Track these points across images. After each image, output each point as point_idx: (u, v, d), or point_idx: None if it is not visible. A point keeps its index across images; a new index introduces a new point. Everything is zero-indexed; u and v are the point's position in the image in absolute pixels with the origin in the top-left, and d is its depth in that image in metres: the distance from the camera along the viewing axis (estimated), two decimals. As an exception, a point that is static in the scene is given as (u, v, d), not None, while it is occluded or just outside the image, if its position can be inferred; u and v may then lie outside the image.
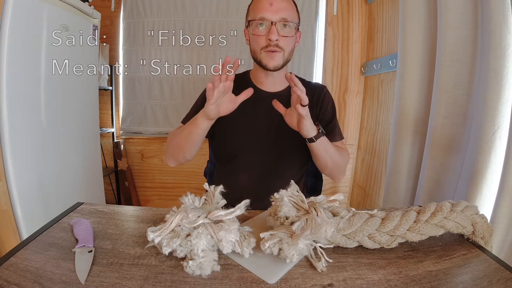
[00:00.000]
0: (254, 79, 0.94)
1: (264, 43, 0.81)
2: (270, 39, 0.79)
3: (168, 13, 1.90)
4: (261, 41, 0.82)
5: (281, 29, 0.80)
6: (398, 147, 1.22)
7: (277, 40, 0.80)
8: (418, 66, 1.15)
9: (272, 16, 0.79)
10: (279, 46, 0.81)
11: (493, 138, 0.80)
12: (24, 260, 0.47)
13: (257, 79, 0.93)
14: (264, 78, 0.91)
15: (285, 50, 0.83)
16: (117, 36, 1.98)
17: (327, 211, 0.53)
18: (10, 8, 1.07)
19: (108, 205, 0.71)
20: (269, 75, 0.89)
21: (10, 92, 1.11)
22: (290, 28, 0.82)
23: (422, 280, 0.45)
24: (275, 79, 0.91)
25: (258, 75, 0.92)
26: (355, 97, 1.99)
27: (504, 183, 0.75)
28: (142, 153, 2.09)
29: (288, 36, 0.82)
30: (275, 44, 0.81)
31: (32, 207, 1.22)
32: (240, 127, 0.91)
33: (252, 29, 0.83)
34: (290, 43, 0.84)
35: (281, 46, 0.82)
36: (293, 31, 0.83)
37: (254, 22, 0.82)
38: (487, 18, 0.80)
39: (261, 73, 0.90)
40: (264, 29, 0.81)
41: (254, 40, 0.84)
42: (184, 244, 0.48)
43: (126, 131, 2.04)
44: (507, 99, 0.79)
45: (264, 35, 0.81)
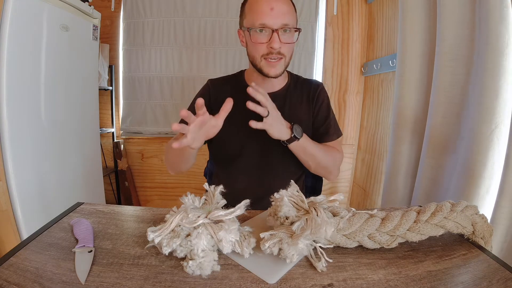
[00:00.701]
0: (249, 81, 0.92)
1: (265, 51, 0.78)
2: (272, 47, 0.76)
3: (168, 13, 1.90)
4: (261, 49, 0.78)
5: (282, 35, 0.77)
6: (397, 147, 1.22)
7: (279, 48, 0.77)
8: (417, 66, 1.15)
9: (274, 23, 0.75)
10: (281, 53, 0.78)
11: (491, 138, 0.80)
12: (24, 260, 0.47)
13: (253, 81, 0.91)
14: (261, 81, 0.89)
15: (286, 56, 0.81)
16: (117, 36, 1.98)
17: (327, 211, 0.53)
18: (10, 8, 1.07)
19: (108, 205, 0.71)
20: (266, 79, 0.87)
21: (10, 92, 1.11)
22: (291, 33, 0.79)
23: (422, 280, 0.45)
24: (272, 81, 0.90)
25: (255, 77, 0.90)
26: (355, 97, 1.99)
27: (504, 183, 0.74)
28: (142, 153, 2.09)
29: (290, 43, 0.79)
30: (277, 52, 0.78)
31: (32, 207, 1.22)
32: (237, 129, 0.90)
33: (251, 35, 0.78)
34: (291, 48, 0.82)
35: (282, 53, 0.79)
36: (294, 37, 0.81)
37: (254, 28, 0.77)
38: (485, 18, 0.80)
39: (258, 77, 0.88)
40: (264, 36, 0.77)
41: (253, 47, 0.80)
42: (184, 244, 0.48)
43: (126, 131, 2.04)
44: (504, 98, 0.79)
45: (265, 43, 0.77)
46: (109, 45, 1.95)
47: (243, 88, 0.89)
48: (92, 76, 1.66)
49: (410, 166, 1.20)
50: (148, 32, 1.92)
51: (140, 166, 2.10)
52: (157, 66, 1.96)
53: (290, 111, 0.90)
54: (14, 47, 1.11)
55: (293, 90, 0.94)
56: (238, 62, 1.93)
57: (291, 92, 0.93)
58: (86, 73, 1.60)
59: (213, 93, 0.93)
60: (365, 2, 1.91)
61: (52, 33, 1.28)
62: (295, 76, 0.98)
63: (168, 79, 1.96)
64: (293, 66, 1.92)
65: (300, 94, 0.93)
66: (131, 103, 2.00)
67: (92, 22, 1.58)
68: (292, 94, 0.93)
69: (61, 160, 1.42)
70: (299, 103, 0.92)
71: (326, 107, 0.94)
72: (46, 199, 1.30)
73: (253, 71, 0.90)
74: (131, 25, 1.93)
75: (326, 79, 1.97)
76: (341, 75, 1.97)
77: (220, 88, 0.93)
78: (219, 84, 0.95)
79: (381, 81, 1.70)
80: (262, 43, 0.78)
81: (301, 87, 0.95)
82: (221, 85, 0.94)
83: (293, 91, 0.93)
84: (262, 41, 0.77)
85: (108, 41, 1.96)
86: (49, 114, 1.32)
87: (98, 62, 1.73)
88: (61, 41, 1.35)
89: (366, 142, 1.90)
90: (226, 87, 0.93)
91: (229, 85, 0.92)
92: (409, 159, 1.20)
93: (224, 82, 0.95)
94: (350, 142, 2.04)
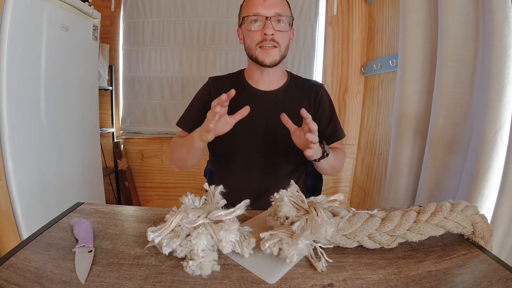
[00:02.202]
0: (249, 78, 0.93)
1: (260, 38, 0.82)
2: (265, 33, 0.80)
3: (168, 13, 1.90)
4: (256, 37, 0.82)
5: (275, 24, 0.81)
6: (399, 147, 1.22)
7: (272, 35, 0.80)
8: (419, 66, 1.14)
9: (267, 11, 0.80)
10: (274, 40, 0.81)
11: (495, 139, 0.80)
12: (24, 260, 0.47)
13: (252, 78, 0.93)
14: (259, 76, 0.90)
15: (281, 45, 0.83)
16: (117, 36, 1.98)
17: (327, 211, 0.53)
18: (10, 8, 1.07)
19: (108, 205, 0.71)
20: (264, 72, 0.89)
21: (10, 92, 1.11)
22: (284, 23, 0.83)
23: (422, 280, 0.45)
24: (270, 76, 0.90)
25: (253, 73, 0.91)
26: (355, 97, 1.99)
27: (505, 183, 0.74)
28: (142, 153, 2.09)
29: (283, 31, 0.82)
30: (271, 39, 0.81)
31: (32, 207, 1.22)
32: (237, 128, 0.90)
33: (246, 26, 0.83)
34: (285, 38, 0.84)
35: (276, 40, 0.82)
36: (287, 26, 0.84)
37: (249, 18, 0.82)
38: (489, 19, 0.80)
39: (256, 71, 0.90)
40: (259, 25, 0.82)
41: (249, 37, 0.84)
42: (184, 244, 0.48)
43: (126, 131, 2.04)
44: (508, 99, 0.78)
45: (259, 31, 0.81)
46: (109, 45, 1.95)
47: (243, 88, 0.90)
48: (92, 76, 1.66)
49: (412, 167, 1.20)
50: (148, 32, 1.92)
51: (140, 166, 2.10)
52: (157, 66, 1.95)
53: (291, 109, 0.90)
54: (14, 47, 1.11)
55: (293, 89, 0.94)
56: (238, 62, 1.93)
57: (291, 91, 0.93)
58: (86, 73, 1.60)
59: (213, 91, 0.94)
60: (365, 2, 1.91)
61: (52, 33, 1.28)
62: (295, 76, 0.98)
63: (168, 79, 1.96)
64: (293, 66, 1.92)
65: (301, 94, 0.94)
66: (131, 103, 2.00)
67: (92, 22, 1.58)
68: (292, 93, 0.93)
69: (61, 160, 1.42)
70: (299, 102, 0.93)
71: (329, 108, 0.95)
72: (46, 199, 1.30)
73: (251, 68, 0.91)
74: (131, 25, 1.93)
75: (326, 79, 1.97)
76: (341, 75, 1.97)
77: (221, 86, 0.94)
78: (219, 82, 0.96)
79: (381, 81, 1.70)
80: (256, 31, 0.82)
81: (302, 87, 0.95)
82: (222, 83, 0.95)
83: (293, 90, 0.94)
84: (256, 30, 0.82)
85: (108, 41, 1.96)
86: (49, 114, 1.32)
87: (98, 62, 1.72)
88: (61, 41, 1.35)
89: (366, 142, 1.90)
90: (226, 86, 0.93)
91: (229, 84, 0.93)
92: (411, 159, 1.20)
93: (224, 80, 0.96)
94: (350, 142, 2.04)
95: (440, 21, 0.98)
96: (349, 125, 2.02)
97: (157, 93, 1.97)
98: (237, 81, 0.94)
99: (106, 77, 1.91)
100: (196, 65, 1.95)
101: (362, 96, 1.99)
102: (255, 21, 0.82)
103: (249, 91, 0.92)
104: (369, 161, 1.84)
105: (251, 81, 0.93)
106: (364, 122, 1.96)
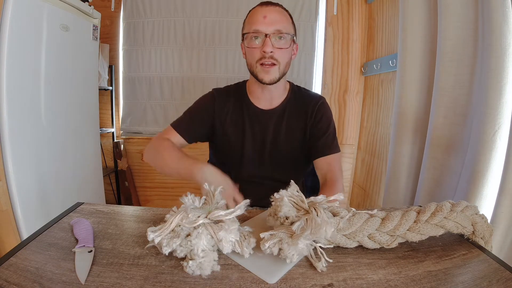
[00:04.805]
0: (250, 94, 0.93)
1: (259, 55, 0.81)
2: (264, 51, 0.79)
3: (168, 13, 1.90)
4: (256, 54, 0.81)
5: (276, 41, 0.80)
6: (398, 147, 1.22)
7: (271, 52, 0.79)
8: (418, 66, 1.15)
9: (266, 28, 0.79)
10: (274, 58, 0.80)
11: (494, 139, 0.80)
12: (24, 260, 0.47)
13: (253, 94, 0.92)
14: (260, 92, 0.90)
15: (281, 63, 0.82)
16: (117, 36, 1.98)
17: (327, 211, 0.53)
18: (10, 8, 1.07)
19: (108, 205, 0.71)
20: (265, 89, 0.88)
21: (10, 92, 1.11)
22: (286, 40, 0.81)
23: (422, 280, 0.45)
24: (272, 93, 0.90)
25: (255, 89, 0.91)
26: (355, 97, 1.99)
27: (505, 183, 0.75)
28: (142, 153, 2.09)
29: (283, 48, 0.81)
30: (270, 56, 0.80)
31: (32, 207, 1.22)
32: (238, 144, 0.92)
33: (247, 42, 0.83)
34: (285, 55, 0.83)
35: (276, 58, 0.80)
36: (288, 43, 0.82)
37: (249, 35, 0.81)
38: (488, 18, 0.80)
39: (257, 88, 0.89)
40: (258, 42, 0.81)
41: (250, 53, 0.83)
42: (184, 244, 0.48)
43: (126, 131, 2.04)
44: (507, 99, 0.78)
45: (258, 48, 0.80)
46: (109, 45, 1.95)
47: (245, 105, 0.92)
48: (92, 76, 1.66)
49: (412, 167, 1.20)
50: (148, 32, 1.92)
51: (140, 166, 2.10)
52: (157, 66, 1.96)
53: (286, 130, 0.91)
54: (14, 47, 1.11)
55: (292, 105, 0.93)
56: (238, 62, 1.93)
57: (290, 107, 0.92)
58: (86, 73, 1.60)
59: (218, 107, 0.93)
60: (365, 2, 1.91)
61: (52, 33, 1.28)
62: (296, 89, 0.96)
63: (168, 79, 1.96)
64: (293, 66, 1.92)
65: (299, 109, 0.92)
66: (131, 103, 2.00)
67: (92, 22, 1.58)
68: (291, 110, 0.92)
69: (61, 160, 1.42)
70: (296, 120, 0.92)
71: (326, 121, 0.91)
72: (46, 199, 1.30)
73: (252, 83, 0.91)
74: (131, 25, 1.93)
75: (326, 79, 1.97)
76: (341, 75, 1.97)
77: (225, 102, 0.93)
78: (223, 98, 0.94)
79: (381, 81, 1.70)
80: (256, 48, 0.81)
81: (301, 101, 0.93)
82: (226, 96, 0.94)
83: (292, 106, 0.93)
84: (256, 46, 0.81)
85: (108, 41, 1.96)
86: (49, 114, 1.32)
87: (98, 62, 1.72)
88: (61, 41, 1.35)
89: (366, 142, 1.90)
90: (230, 99, 0.94)
91: (233, 98, 0.94)
92: (410, 159, 1.20)
93: (228, 96, 0.94)
94: (350, 142, 2.04)
95: (440, 21, 0.98)
96: (349, 125, 2.02)
97: (157, 93, 1.98)
98: (239, 98, 0.93)
99: (106, 77, 1.91)
100: (196, 65, 1.95)
101: (362, 96, 1.99)
102: (255, 37, 0.81)
103: (249, 109, 0.92)
104: (369, 161, 1.84)
105: (252, 98, 0.92)
106: (364, 122, 1.96)
